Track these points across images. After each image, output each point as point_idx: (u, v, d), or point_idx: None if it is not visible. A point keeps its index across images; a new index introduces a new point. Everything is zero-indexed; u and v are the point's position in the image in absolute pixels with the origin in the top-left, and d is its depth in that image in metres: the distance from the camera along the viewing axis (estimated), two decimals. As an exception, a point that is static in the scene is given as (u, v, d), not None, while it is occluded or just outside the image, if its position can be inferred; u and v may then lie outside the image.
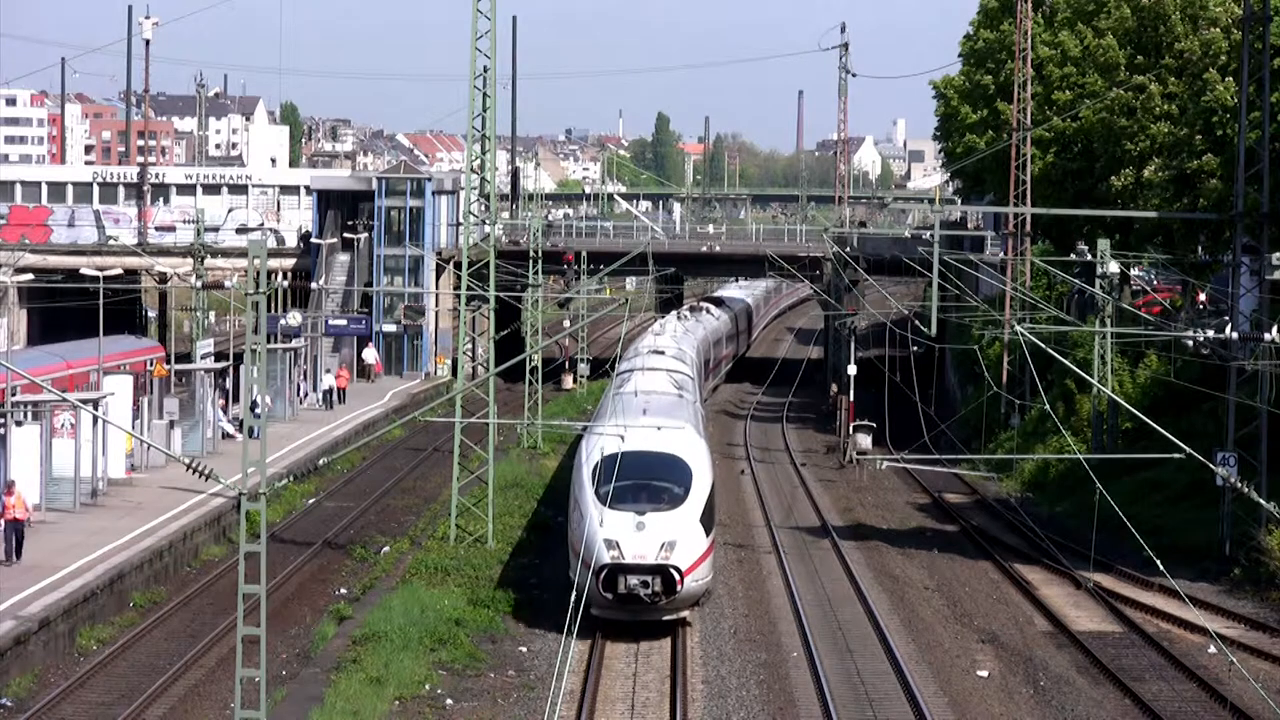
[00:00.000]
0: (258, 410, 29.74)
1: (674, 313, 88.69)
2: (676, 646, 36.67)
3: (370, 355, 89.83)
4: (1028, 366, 64.48)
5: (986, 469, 65.06)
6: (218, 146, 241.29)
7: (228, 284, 76.85)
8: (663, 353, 58.30)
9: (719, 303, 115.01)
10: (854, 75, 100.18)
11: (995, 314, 70.36)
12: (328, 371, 79.93)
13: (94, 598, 38.45)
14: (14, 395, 46.51)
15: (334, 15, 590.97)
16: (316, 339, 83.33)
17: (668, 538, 36.80)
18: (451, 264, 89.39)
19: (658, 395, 45.22)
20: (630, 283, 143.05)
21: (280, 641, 37.46)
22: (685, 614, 38.25)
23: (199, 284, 74.85)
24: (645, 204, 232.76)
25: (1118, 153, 64.64)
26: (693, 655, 36.67)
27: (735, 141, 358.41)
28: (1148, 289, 73.24)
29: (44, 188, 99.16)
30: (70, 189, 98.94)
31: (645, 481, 38.06)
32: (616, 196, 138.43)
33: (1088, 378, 51.02)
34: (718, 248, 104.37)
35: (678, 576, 36.64)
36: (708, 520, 37.86)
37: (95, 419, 46.42)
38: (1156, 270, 75.29)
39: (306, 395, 76.76)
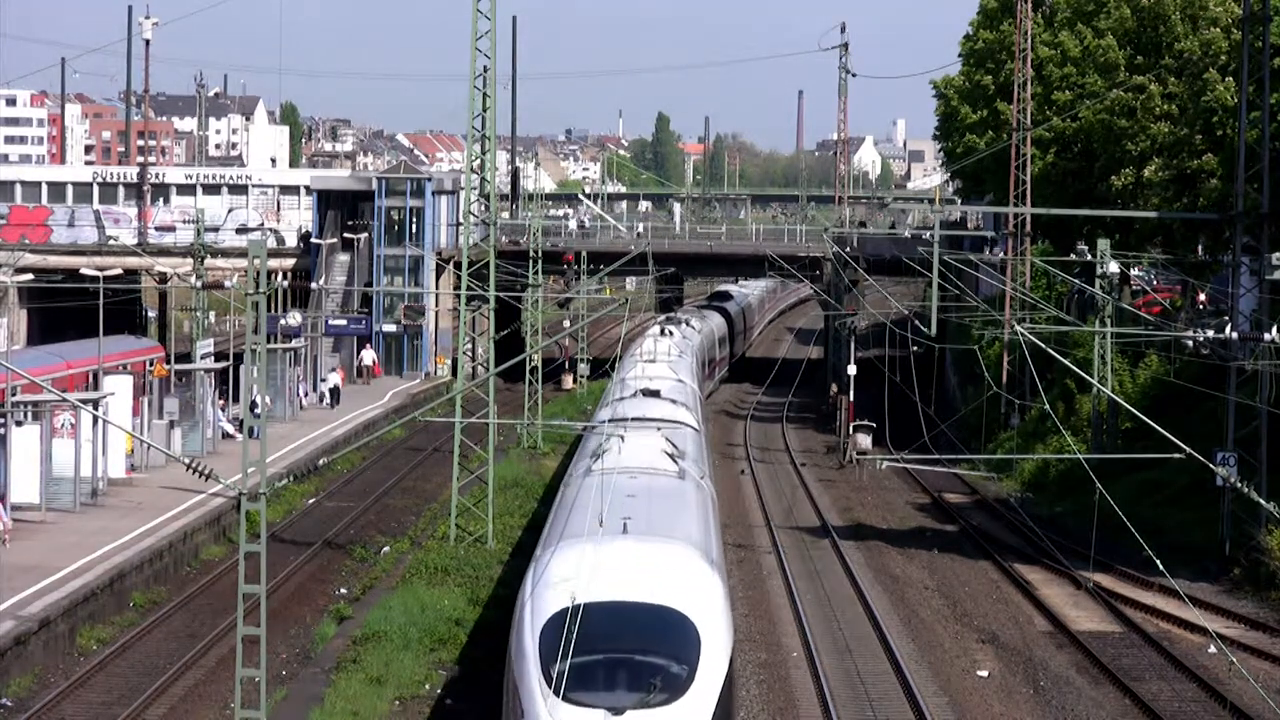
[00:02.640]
0: (258, 410, 29.73)
1: (665, 321, 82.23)
2: None
3: (368, 357, 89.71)
4: (1028, 366, 64.48)
5: (986, 469, 65.07)
6: (218, 146, 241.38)
7: (228, 284, 76.76)
8: (656, 393, 44.42)
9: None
10: (854, 75, 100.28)
11: (995, 314, 70.38)
12: (332, 370, 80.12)
13: (94, 598, 38.44)
14: (14, 395, 46.49)
15: (334, 15, 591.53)
16: (316, 339, 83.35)
17: None
18: (451, 264, 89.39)
19: (646, 476, 30.22)
20: (630, 283, 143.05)
21: (280, 641, 37.45)
22: None
23: (199, 284, 74.81)
24: (646, 204, 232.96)
25: (1118, 153, 64.66)
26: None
27: (735, 141, 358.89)
28: (1148, 289, 73.25)
29: (44, 188, 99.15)
30: (70, 189, 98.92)
31: (623, 655, 23.10)
32: (581, 196, 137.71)
33: (1088, 378, 51.03)
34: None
35: None
36: (724, 717, 23.10)
37: (95, 419, 46.42)
38: (1156, 270, 75.31)
39: (306, 395, 76.77)
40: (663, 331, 74.25)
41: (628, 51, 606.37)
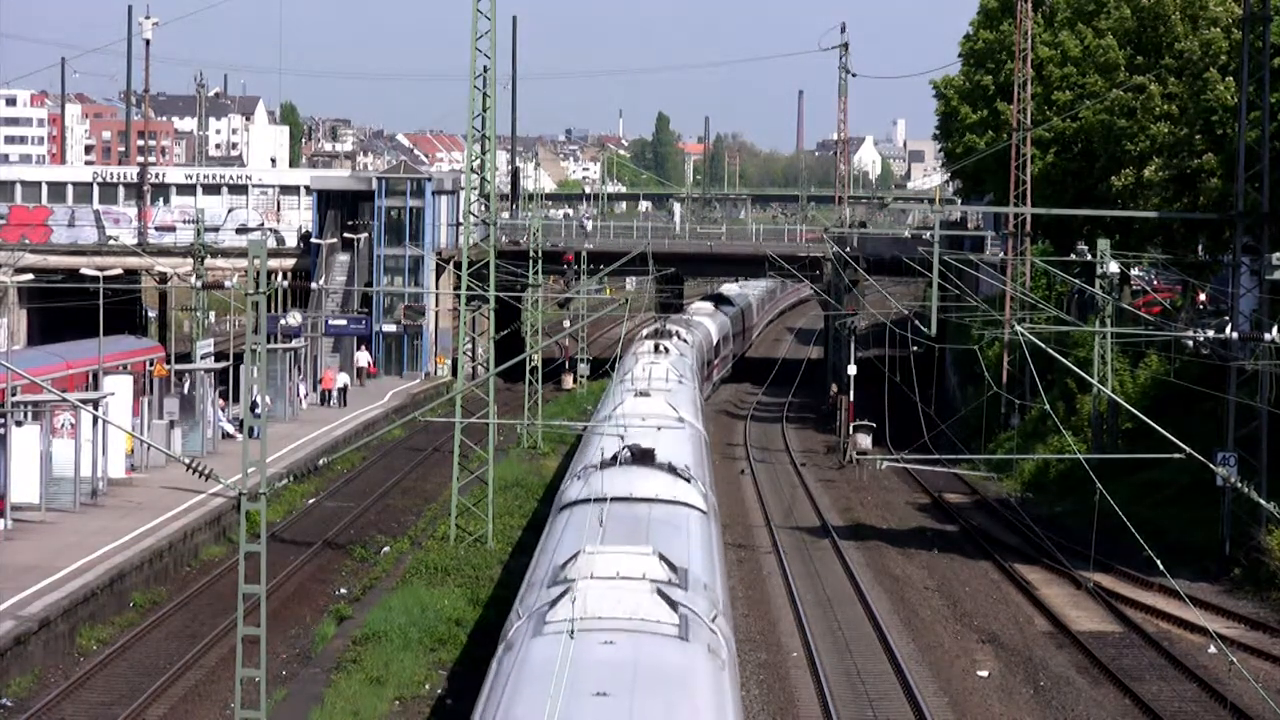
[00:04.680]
0: (258, 410, 29.72)
1: (659, 335, 70.51)
2: None
3: (363, 358, 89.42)
4: (1028, 366, 64.48)
5: (986, 469, 65.06)
6: (218, 146, 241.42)
7: (228, 284, 76.84)
8: (650, 455, 31.45)
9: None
10: (854, 75, 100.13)
11: (995, 314, 70.38)
12: (341, 370, 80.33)
13: (94, 598, 38.44)
14: (14, 395, 46.50)
15: (334, 15, 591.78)
16: (316, 339, 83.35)
17: None
18: (451, 264, 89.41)
19: (629, 639, 19.60)
20: (630, 283, 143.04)
21: (280, 641, 37.45)
22: None
23: (199, 284, 74.83)
24: (646, 204, 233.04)
25: (1118, 153, 64.65)
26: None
27: (735, 141, 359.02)
28: (1148, 289, 73.26)
29: (44, 188, 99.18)
30: (70, 189, 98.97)
31: None
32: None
33: (1088, 378, 51.00)
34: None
35: None
36: None
37: (95, 419, 46.41)
38: (1156, 270, 75.31)
39: (306, 395, 76.83)
40: (657, 348, 63.44)
41: (628, 51, 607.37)
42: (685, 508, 28.30)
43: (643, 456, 31.14)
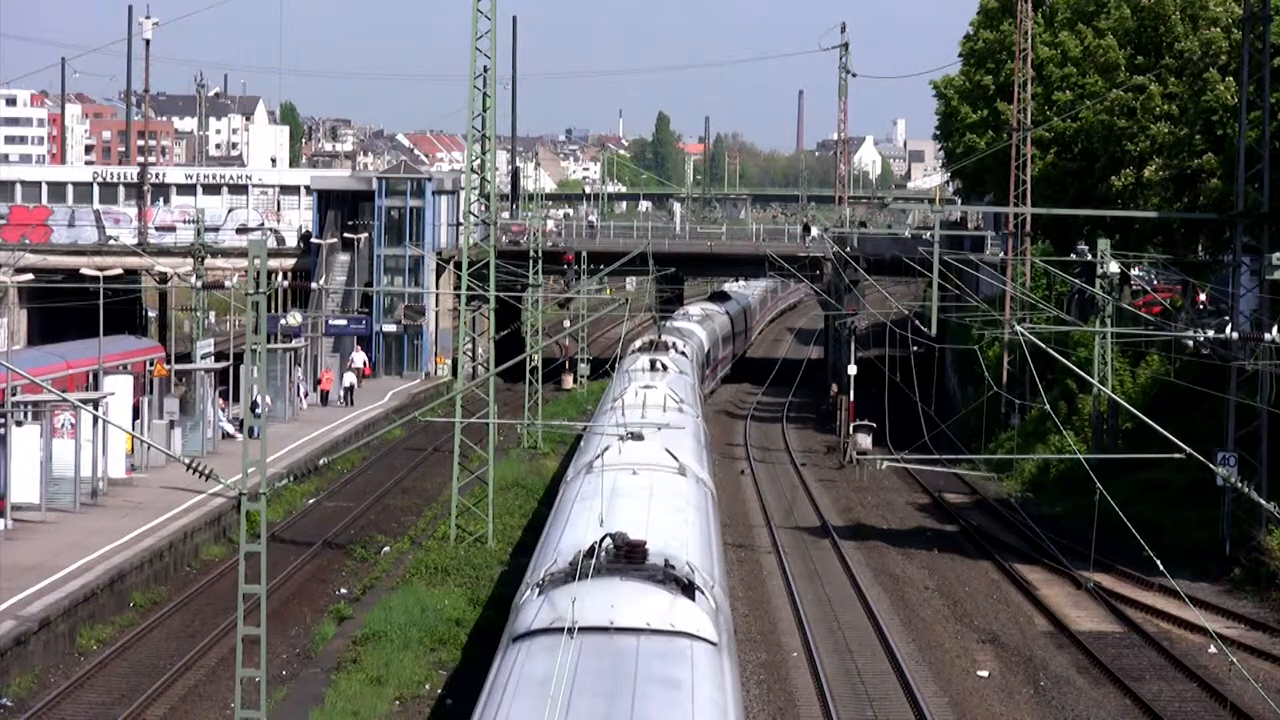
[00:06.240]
0: (258, 410, 29.72)
1: (655, 349, 63.96)
2: None
3: (358, 359, 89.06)
4: (1028, 366, 64.47)
5: (986, 469, 65.07)
6: (218, 146, 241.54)
7: (228, 284, 76.80)
8: (640, 554, 22.08)
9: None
10: (854, 75, 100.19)
11: (995, 314, 70.36)
12: (348, 370, 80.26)
13: (94, 598, 38.45)
14: (14, 395, 46.49)
15: (334, 15, 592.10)
16: (316, 339, 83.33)
17: None
18: (451, 264, 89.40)
19: None
20: (630, 283, 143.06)
21: (280, 641, 37.45)
22: None
23: (199, 284, 74.80)
24: (646, 204, 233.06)
25: (1118, 153, 64.67)
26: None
27: (735, 141, 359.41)
28: (1148, 289, 73.26)
29: (44, 188, 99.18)
30: (70, 189, 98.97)
31: None
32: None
33: (1088, 378, 51.01)
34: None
35: None
36: None
37: (95, 419, 46.42)
38: (1156, 270, 75.31)
39: (307, 395, 76.83)
40: (653, 365, 56.30)
41: (628, 51, 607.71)
42: (687, 640, 19.52)
43: (630, 554, 22.31)
